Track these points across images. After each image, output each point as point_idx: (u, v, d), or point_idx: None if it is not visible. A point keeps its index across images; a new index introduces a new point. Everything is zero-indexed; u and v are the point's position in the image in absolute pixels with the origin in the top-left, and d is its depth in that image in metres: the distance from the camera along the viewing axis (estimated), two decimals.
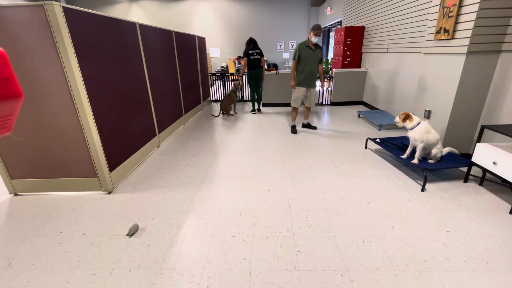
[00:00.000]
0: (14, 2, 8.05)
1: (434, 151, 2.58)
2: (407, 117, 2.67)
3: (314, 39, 3.64)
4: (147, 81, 3.32)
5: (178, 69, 4.48)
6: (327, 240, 1.83)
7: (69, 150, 2.34)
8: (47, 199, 2.42)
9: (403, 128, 2.76)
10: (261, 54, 5.16)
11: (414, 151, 2.70)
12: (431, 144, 2.56)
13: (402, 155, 2.79)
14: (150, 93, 3.39)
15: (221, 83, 7.00)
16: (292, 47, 12.05)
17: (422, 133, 2.54)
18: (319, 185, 2.56)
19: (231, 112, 5.55)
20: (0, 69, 0.54)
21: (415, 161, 2.62)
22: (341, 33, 5.96)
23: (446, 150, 2.65)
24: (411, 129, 2.64)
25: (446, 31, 2.81)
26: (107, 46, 2.52)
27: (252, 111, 5.63)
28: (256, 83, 5.32)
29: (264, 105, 6.10)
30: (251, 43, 5.16)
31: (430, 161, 2.63)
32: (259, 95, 5.51)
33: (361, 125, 4.48)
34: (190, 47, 5.20)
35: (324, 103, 6.29)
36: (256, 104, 5.64)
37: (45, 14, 1.91)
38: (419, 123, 2.60)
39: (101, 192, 2.50)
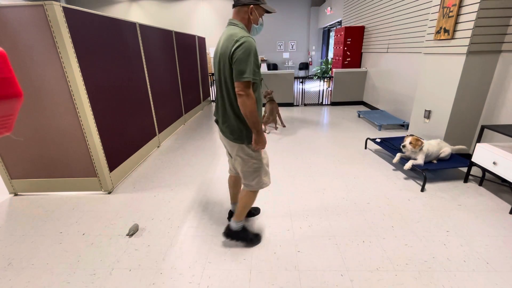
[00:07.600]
0: (14, 2, 8.04)
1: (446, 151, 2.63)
2: (418, 141, 2.54)
3: None
4: (147, 81, 3.32)
5: (178, 69, 4.47)
6: (327, 240, 1.83)
7: (69, 150, 2.34)
8: (47, 199, 2.42)
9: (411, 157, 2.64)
10: None
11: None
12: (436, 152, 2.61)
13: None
14: (150, 93, 3.39)
15: None
16: (292, 47, 11.81)
17: (423, 152, 2.56)
18: (319, 185, 2.56)
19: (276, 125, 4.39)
20: (0, 69, 0.54)
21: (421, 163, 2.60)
22: (341, 33, 5.96)
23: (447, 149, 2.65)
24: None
25: (446, 31, 2.81)
26: (107, 46, 2.51)
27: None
28: None
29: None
30: None
31: (433, 161, 2.62)
32: None
33: (361, 125, 4.48)
34: (190, 47, 5.19)
35: (324, 103, 6.29)
36: None
37: (45, 14, 1.91)
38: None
39: (101, 192, 2.50)
